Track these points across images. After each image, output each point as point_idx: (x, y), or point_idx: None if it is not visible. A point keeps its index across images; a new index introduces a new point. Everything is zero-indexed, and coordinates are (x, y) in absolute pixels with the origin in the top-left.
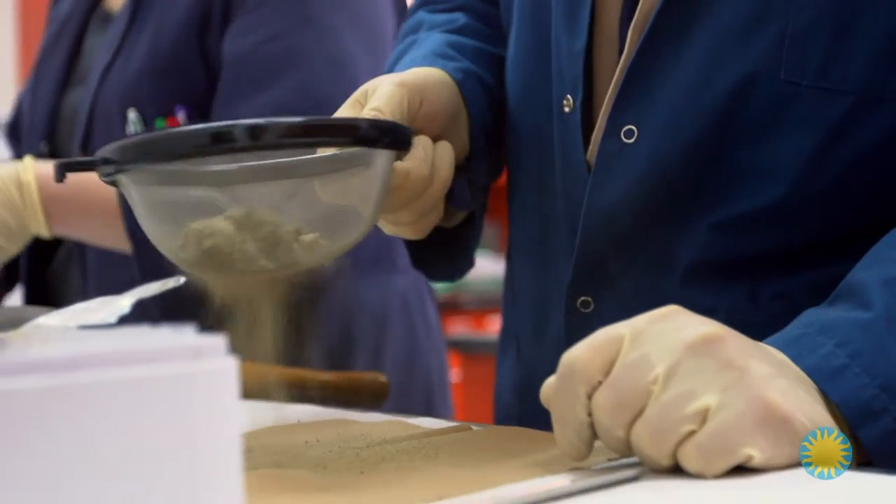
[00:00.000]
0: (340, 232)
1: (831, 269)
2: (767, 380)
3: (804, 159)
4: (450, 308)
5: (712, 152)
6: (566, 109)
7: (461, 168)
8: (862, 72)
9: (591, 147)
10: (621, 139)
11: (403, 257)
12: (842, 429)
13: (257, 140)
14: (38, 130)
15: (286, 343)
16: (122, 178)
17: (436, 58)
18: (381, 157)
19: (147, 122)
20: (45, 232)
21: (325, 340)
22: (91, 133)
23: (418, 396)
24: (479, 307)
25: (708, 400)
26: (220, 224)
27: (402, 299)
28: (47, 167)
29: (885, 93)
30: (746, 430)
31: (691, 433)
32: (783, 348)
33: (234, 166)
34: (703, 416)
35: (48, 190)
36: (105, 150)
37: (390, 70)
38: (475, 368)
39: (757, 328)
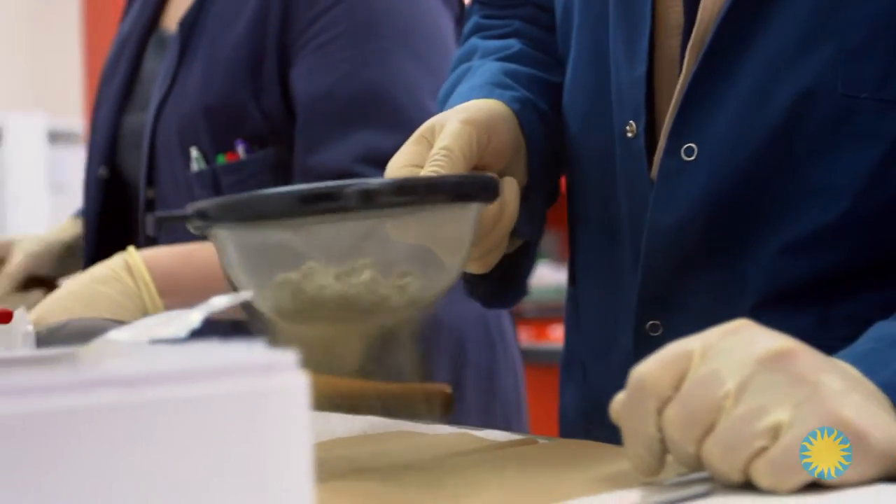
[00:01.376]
0: (435, 278)
1: None
2: (841, 395)
3: (867, 172)
4: (513, 317)
5: (773, 169)
6: (629, 135)
7: (521, 198)
8: None
9: (653, 168)
10: (682, 158)
11: None
12: None
13: (367, 202)
14: (98, 154)
15: (364, 364)
16: (217, 230)
17: (493, 87)
18: (474, 208)
19: (208, 158)
20: (161, 310)
21: (406, 362)
22: (154, 166)
23: (498, 415)
24: (540, 315)
25: (780, 415)
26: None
27: (482, 320)
28: (150, 251)
29: None
30: None
31: (763, 449)
32: (854, 363)
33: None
34: (776, 432)
35: (157, 269)
36: (202, 205)
37: (445, 99)
38: (538, 378)
39: (828, 352)
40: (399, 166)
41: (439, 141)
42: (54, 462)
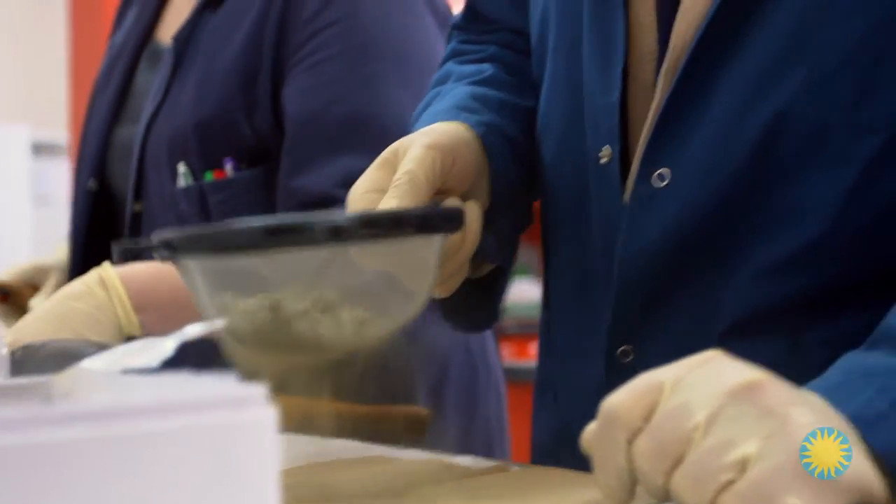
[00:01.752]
0: (401, 307)
1: (874, 313)
2: (809, 428)
3: (840, 197)
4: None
5: (746, 193)
6: (603, 161)
7: (485, 221)
8: (891, 109)
9: (626, 194)
10: (655, 184)
11: None
12: (885, 478)
13: (332, 238)
14: (87, 167)
15: (339, 387)
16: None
17: (459, 111)
18: (438, 239)
19: (196, 174)
20: (136, 325)
21: (385, 383)
22: (142, 180)
23: (479, 438)
24: (521, 332)
25: (748, 449)
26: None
27: (463, 341)
28: (126, 266)
29: None
30: (787, 479)
31: (730, 482)
32: (824, 395)
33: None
34: (743, 465)
35: (132, 285)
36: (168, 236)
37: (416, 121)
38: (519, 396)
39: (800, 377)
40: (363, 191)
41: (403, 165)
42: (26, 497)
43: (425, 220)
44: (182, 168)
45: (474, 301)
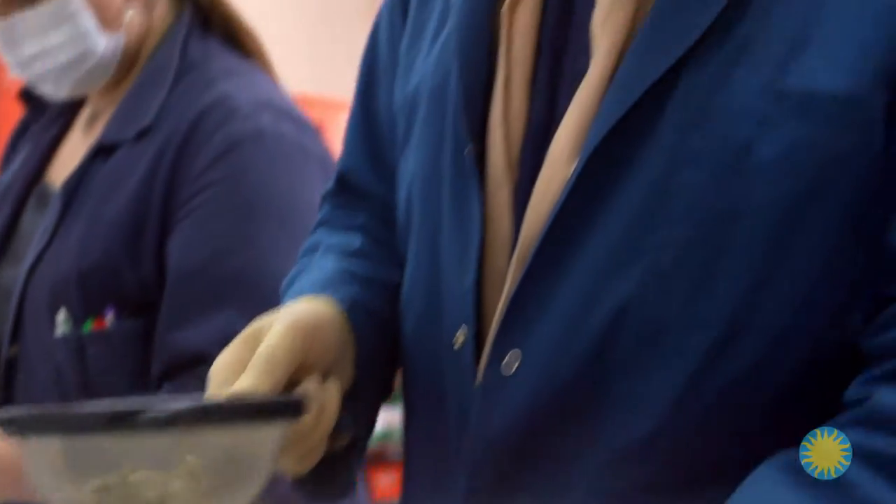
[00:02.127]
0: (240, 489)
1: (724, 493)
2: None
3: (677, 389)
4: (377, 462)
5: (591, 383)
6: (456, 346)
7: (346, 395)
8: (726, 305)
9: (478, 378)
10: (504, 370)
11: None
12: None
13: (159, 427)
14: None
15: None
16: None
17: (325, 286)
18: (277, 426)
19: (76, 322)
20: None
21: None
22: (20, 326)
23: None
24: (402, 459)
25: None
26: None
27: None
28: None
29: (749, 323)
30: None
31: None
32: None
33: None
34: None
35: None
36: (11, 413)
37: (284, 294)
38: None
39: None
40: (223, 366)
41: (262, 344)
42: None
43: (259, 409)
44: (62, 316)
45: (328, 473)
